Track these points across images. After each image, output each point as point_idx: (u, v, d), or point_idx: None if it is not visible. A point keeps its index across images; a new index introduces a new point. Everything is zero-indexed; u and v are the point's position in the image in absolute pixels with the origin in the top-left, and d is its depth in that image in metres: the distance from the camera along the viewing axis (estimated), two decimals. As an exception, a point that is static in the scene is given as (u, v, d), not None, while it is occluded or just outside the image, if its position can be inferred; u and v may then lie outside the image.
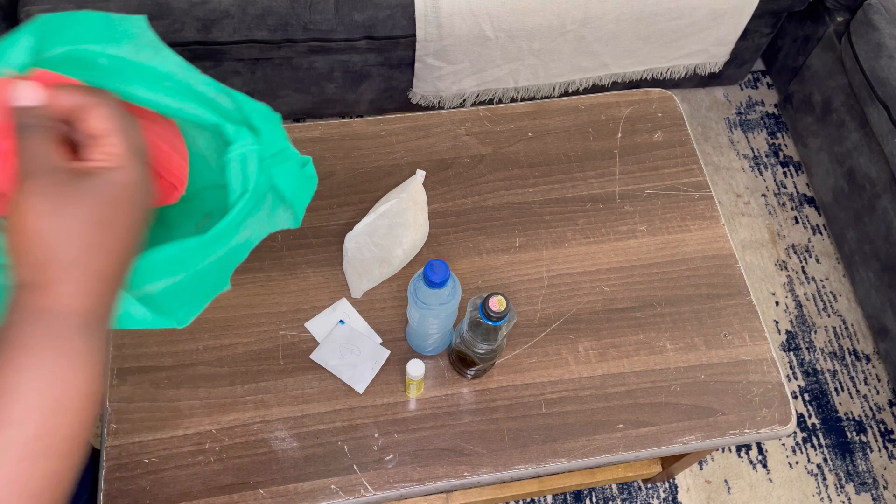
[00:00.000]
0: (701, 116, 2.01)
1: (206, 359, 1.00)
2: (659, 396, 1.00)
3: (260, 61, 1.64)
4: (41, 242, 0.41)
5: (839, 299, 1.77)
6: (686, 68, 1.85)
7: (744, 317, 1.07)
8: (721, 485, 1.54)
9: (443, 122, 1.20)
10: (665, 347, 1.04)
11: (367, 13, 1.54)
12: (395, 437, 0.96)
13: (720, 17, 1.68)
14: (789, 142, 1.99)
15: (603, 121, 1.21)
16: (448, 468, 0.94)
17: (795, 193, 1.91)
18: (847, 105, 1.70)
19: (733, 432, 0.99)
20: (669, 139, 1.21)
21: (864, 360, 1.70)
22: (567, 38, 1.65)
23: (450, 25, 1.56)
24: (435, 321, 0.90)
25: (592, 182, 1.16)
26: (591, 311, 1.06)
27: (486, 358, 0.93)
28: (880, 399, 1.66)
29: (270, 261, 1.06)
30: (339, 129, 1.18)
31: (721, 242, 1.12)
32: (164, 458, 0.93)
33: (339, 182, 1.14)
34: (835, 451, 1.60)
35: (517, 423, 0.98)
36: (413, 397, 0.99)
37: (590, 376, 1.01)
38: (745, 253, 1.82)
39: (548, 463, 0.96)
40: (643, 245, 1.11)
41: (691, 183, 1.17)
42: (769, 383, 1.02)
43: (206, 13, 1.50)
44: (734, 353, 1.04)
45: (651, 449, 0.97)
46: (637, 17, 1.64)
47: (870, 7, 1.60)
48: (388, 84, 1.76)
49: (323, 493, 0.92)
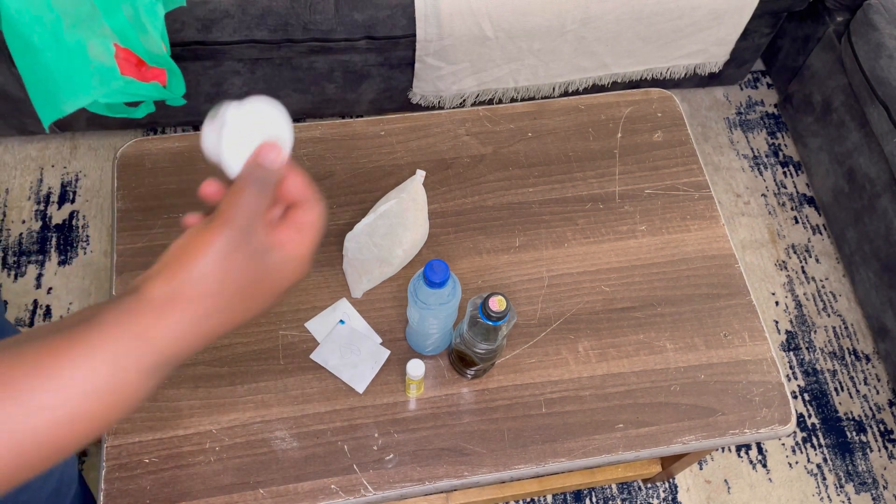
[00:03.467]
0: (701, 116, 2.01)
1: (206, 359, 1.00)
2: (659, 396, 1.00)
3: (260, 61, 1.64)
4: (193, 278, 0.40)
5: (839, 299, 1.77)
6: (686, 68, 1.85)
7: (744, 317, 1.07)
8: (721, 484, 1.54)
9: (443, 122, 1.20)
10: (665, 347, 1.04)
11: (367, 13, 1.54)
12: (395, 437, 0.96)
13: (720, 17, 1.68)
14: (789, 142, 1.99)
15: (603, 121, 1.21)
16: (448, 468, 0.94)
17: (795, 193, 1.91)
18: (847, 105, 1.70)
19: (733, 432, 0.99)
20: (669, 139, 1.21)
21: (863, 359, 1.70)
22: (567, 38, 1.65)
23: (450, 25, 1.56)
24: (435, 321, 0.90)
25: (592, 182, 1.16)
26: (591, 311, 1.06)
27: (486, 358, 0.93)
28: (880, 399, 1.66)
29: (270, 261, 1.06)
30: (339, 129, 1.18)
31: (721, 242, 1.12)
32: (164, 458, 0.93)
33: (339, 182, 1.14)
34: (835, 451, 1.60)
35: (517, 422, 0.98)
36: (413, 397, 0.99)
37: (590, 376, 1.01)
38: (745, 253, 1.82)
39: (548, 463, 0.96)
40: (643, 245, 1.11)
41: (691, 183, 1.17)
42: (769, 383, 1.02)
43: (206, 13, 1.50)
44: (734, 353, 1.04)
45: (651, 449, 0.97)
46: (637, 17, 1.64)
47: (870, 7, 1.60)
48: (388, 84, 1.76)
49: (323, 493, 0.92)
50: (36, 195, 1.76)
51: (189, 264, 0.41)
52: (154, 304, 0.40)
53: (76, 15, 0.56)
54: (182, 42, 1.53)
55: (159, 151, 1.14)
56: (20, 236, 1.71)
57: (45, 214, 1.74)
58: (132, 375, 0.40)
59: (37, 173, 1.79)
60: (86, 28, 0.56)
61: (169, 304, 0.40)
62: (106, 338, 0.39)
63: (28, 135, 1.80)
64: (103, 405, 0.39)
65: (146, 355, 0.40)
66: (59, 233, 1.72)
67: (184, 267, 0.41)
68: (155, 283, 0.41)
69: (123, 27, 0.56)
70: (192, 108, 1.74)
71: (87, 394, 0.38)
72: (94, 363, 0.38)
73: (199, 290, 0.41)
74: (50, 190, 1.77)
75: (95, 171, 1.80)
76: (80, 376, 0.38)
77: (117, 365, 0.39)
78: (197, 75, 1.64)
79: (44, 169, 1.80)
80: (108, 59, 0.56)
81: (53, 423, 0.38)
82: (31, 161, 1.80)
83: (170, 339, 0.40)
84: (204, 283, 0.41)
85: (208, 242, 0.41)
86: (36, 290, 1.65)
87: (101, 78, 0.57)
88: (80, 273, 1.67)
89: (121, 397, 0.40)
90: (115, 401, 0.40)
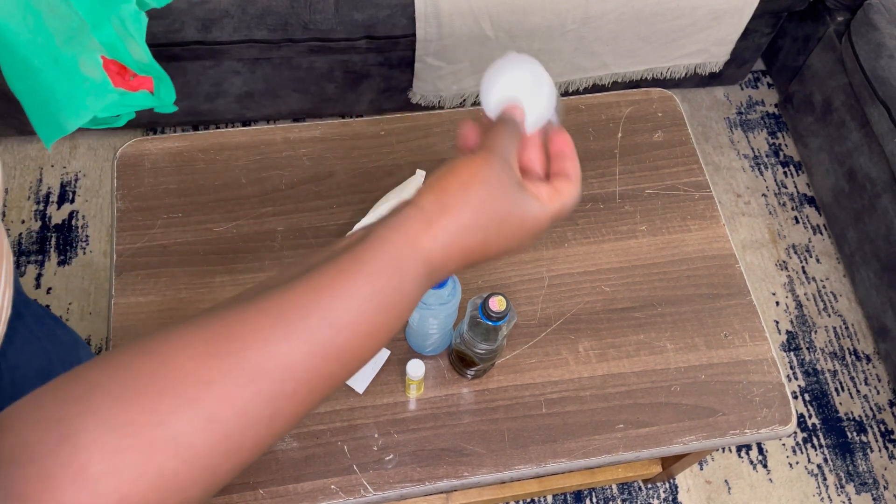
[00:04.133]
0: (701, 116, 2.01)
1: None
2: (659, 396, 1.00)
3: (260, 61, 1.64)
4: (460, 192, 0.44)
5: (839, 299, 1.77)
6: (686, 68, 1.84)
7: (744, 317, 1.06)
8: (721, 485, 1.54)
9: (443, 122, 1.20)
10: (665, 347, 1.03)
11: (366, 13, 1.54)
12: (395, 438, 0.96)
13: (720, 16, 1.68)
14: (790, 141, 1.98)
15: (603, 120, 1.21)
16: (448, 468, 0.94)
17: (796, 193, 1.91)
18: (847, 105, 1.70)
19: (733, 432, 0.99)
20: (670, 139, 1.21)
21: (864, 360, 1.70)
22: (567, 37, 1.65)
23: (450, 25, 1.56)
24: (435, 321, 0.90)
25: (593, 182, 1.16)
26: (591, 311, 1.06)
27: (486, 358, 0.93)
28: (881, 399, 1.66)
29: (270, 261, 1.06)
30: (339, 129, 1.18)
31: (721, 242, 1.12)
32: (164, 458, 0.93)
33: (339, 182, 1.13)
34: (835, 452, 1.59)
35: (517, 423, 0.97)
36: (413, 397, 0.99)
37: (590, 376, 1.01)
38: (746, 253, 1.82)
39: (548, 463, 0.96)
40: (643, 245, 1.11)
41: (691, 183, 1.17)
42: (769, 383, 1.02)
43: (206, 13, 1.50)
44: (734, 353, 1.04)
45: (651, 449, 0.97)
46: (637, 17, 1.63)
47: (870, 7, 1.60)
48: (388, 84, 1.76)
49: (323, 494, 0.92)
50: (35, 195, 1.76)
51: (457, 180, 0.45)
52: (426, 212, 0.43)
53: (67, 31, 0.55)
54: (182, 42, 1.53)
55: (159, 151, 1.13)
56: (19, 236, 1.71)
57: (45, 214, 1.74)
58: (409, 284, 0.42)
59: (36, 173, 1.79)
60: (76, 44, 0.56)
61: (438, 212, 0.43)
62: (388, 249, 0.42)
63: (28, 135, 1.80)
64: (391, 315, 0.42)
65: (419, 262, 0.43)
66: (59, 233, 1.72)
67: (452, 182, 0.45)
68: (427, 196, 0.44)
69: (111, 39, 0.55)
70: (191, 108, 1.73)
71: (379, 306, 0.41)
72: (381, 275, 0.41)
73: (465, 201, 0.44)
74: (49, 190, 1.77)
75: (95, 171, 1.80)
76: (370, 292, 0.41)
77: (398, 274, 0.42)
78: (196, 75, 1.64)
79: (43, 169, 1.79)
80: (98, 74, 0.56)
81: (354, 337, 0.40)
82: (31, 161, 1.80)
83: (437, 247, 0.43)
84: (471, 196, 0.44)
85: (476, 164, 0.46)
86: (35, 290, 1.64)
87: (96, 93, 0.57)
88: (80, 273, 1.67)
89: (403, 307, 0.43)
90: (399, 310, 0.42)
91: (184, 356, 0.36)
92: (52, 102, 0.57)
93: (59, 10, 0.54)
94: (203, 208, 1.09)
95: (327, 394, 0.41)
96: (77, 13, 0.53)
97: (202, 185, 1.11)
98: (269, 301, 0.39)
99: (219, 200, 1.10)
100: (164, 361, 0.36)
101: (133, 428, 0.33)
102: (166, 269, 1.05)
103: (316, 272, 0.41)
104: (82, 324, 1.62)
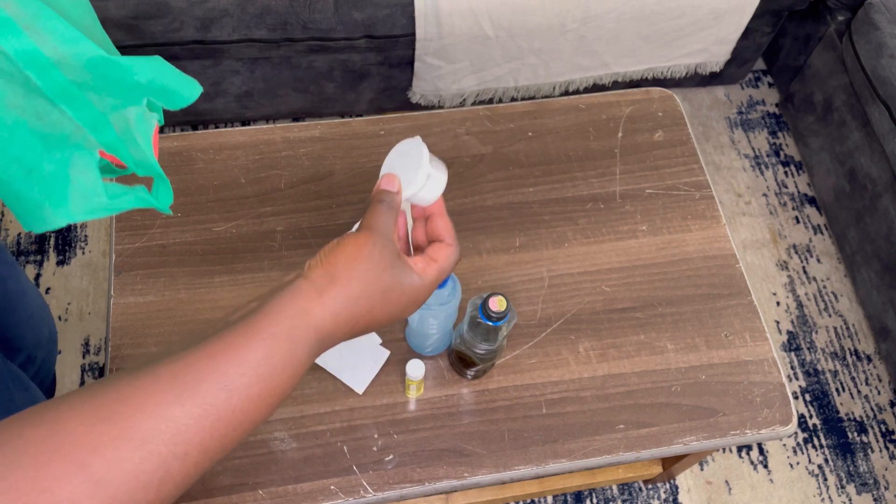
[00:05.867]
0: (702, 116, 2.01)
1: (205, 359, 0.99)
2: (660, 397, 1.00)
3: (259, 60, 1.64)
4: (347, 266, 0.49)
5: (840, 299, 1.77)
6: (687, 67, 1.84)
7: (745, 317, 1.06)
8: (722, 485, 1.54)
9: (443, 122, 1.19)
10: (666, 348, 1.03)
11: (366, 12, 1.53)
12: (394, 438, 0.95)
13: (721, 16, 1.68)
14: (790, 141, 1.98)
15: (603, 120, 1.21)
16: (448, 469, 0.94)
17: (796, 193, 1.91)
18: (848, 104, 1.70)
19: (734, 433, 0.98)
20: (670, 139, 1.20)
21: (865, 360, 1.70)
22: (567, 37, 1.65)
23: (450, 24, 1.55)
24: (435, 321, 0.90)
25: (593, 182, 1.15)
26: (591, 312, 1.05)
27: (486, 358, 0.93)
28: (881, 399, 1.65)
29: (270, 261, 1.06)
30: (339, 128, 1.18)
31: (722, 242, 1.12)
32: (163, 458, 0.92)
33: (338, 182, 1.13)
34: (836, 452, 1.59)
35: (517, 423, 0.97)
36: (413, 398, 0.98)
37: (590, 377, 1.01)
38: (746, 253, 1.81)
39: (548, 464, 0.95)
40: (644, 245, 1.11)
41: (692, 182, 1.17)
42: (770, 384, 1.02)
43: (205, 12, 1.49)
44: (735, 353, 1.04)
45: (652, 450, 0.97)
46: (638, 16, 1.63)
47: (871, 6, 1.59)
48: (388, 83, 1.75)
49: (322, 494, 0.91)
50: (35, 195, 1.76)
51: (344, 255, 0.50)
52: (316, 284, 0.48)
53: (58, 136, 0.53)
54: (181, 41, 1.53)
55: (158, 151, 1.13)
56: (18, 236, 1.71)
57: (44, 214, 1.73)
58: (301, 350, 0.46)
59: (36, 173, 1.78)
60: (70, 145, 0.54)
61: (327, 283, 0.48)
62: (281, 317, 0.45)
63: (27, 134, 1.80)
64: (283, 379, 0.45)
65: (310, 329, 0.46)
66: (58, 233, 1.71)
67: (340, 257, 0.50)
68: (316, 270, 0.49)
69: (111, 139, 0.54)
70: (190, 107, 1.73)
71: (272, 370, 0.44)
72: (274, 341, 0.44)
73: (351, 274, 0.49)
74: (49, 189, 1.76)
75: (94, 171, 1.80)
76: (264, 356, 0.44)
77: (291, 340, 0.45)
78: (196, 74, 1.64)
79: (43, 168, 1.79)
80: (91, 176, 0.54)
81: (247, 400, 0.43)
82: (30, 160, 1.80)
83: (327, 315, 0.47)
84: (356, 270, 0.49)
85: (360, 241, 0.51)
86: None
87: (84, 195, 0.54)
88: (79, 273, 1.67)
89: (295, 371, 0.45)
90: (291, 374, 0.45)
91: (74, 422, 0.37)
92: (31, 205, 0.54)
93: (48, 118, 0.53)
94: (202, 208, 1.09)
95: (219, 456, 0.43)
96: (71, 119, 0.52)
97: (201, 185, 1.11)
98: (162, 367, 0.41)
99: (218, 200, 1.10)
100: (54, 428, 0.37)
101: (16, 494, 0.34)
102: (165, 269, 1.04)
103: (211, 339, 0.43)
104: (81, 324, 1.62)
